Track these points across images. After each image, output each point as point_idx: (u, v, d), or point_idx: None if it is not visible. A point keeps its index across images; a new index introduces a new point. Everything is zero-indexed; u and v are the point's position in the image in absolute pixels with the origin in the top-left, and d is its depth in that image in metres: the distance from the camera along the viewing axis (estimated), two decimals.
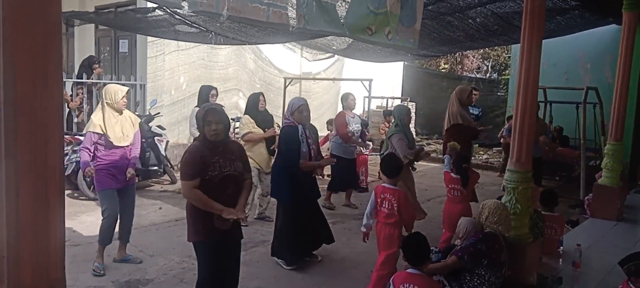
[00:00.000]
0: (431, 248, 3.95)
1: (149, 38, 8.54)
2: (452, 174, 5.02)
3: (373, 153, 8.56)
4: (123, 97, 4.46)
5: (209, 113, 3.18)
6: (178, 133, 9.35)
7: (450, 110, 6.18)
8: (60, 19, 1.59)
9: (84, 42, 10.63)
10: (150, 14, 5.74)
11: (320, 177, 4.51)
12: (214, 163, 3.13)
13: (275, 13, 3.38)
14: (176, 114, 9.33)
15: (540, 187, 5.90)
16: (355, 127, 6.96)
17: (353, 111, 7.14)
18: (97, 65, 8.33)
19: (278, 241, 4.80)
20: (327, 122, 9.06)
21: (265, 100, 6.04)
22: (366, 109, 10.19)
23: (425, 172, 10.15)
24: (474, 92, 6.29)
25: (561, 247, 4.92)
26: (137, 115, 8.06)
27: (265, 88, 10.99)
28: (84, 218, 5.38)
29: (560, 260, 4.75)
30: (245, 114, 6.01)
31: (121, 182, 4.53)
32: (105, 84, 8.41)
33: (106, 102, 4.43)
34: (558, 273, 4.40)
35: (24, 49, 1.45)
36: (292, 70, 11.52)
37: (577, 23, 6.87)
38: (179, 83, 9.26)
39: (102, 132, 4.38)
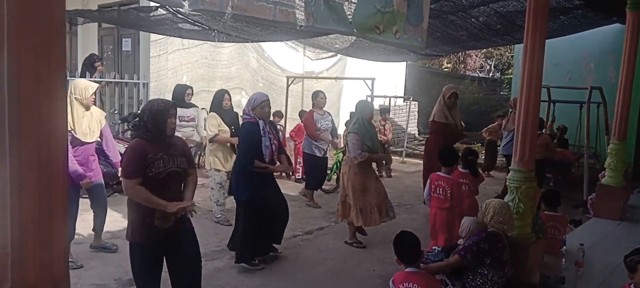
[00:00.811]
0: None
1: (152, 37, 8.55)
2: (459, 168, 5.05)
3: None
4: (92, 94, 4.48)
5: (175, 106, 3.24)
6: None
7: (435, 107, 6.72)
8: (64, 18, 1.59)
9: (87, 40, 10.65)
10: (153, 13, 5.74)
11: (284, 177, 4.45)
12: (157, 160, 3.08)
13: (282, 11, 3.36)
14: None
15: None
16: (324, 124, 7.05)
17: (323, 109, 7.19)
18: (99, 63, 8.35)
19: (240, 242, 4.61)
20: (299, 114, 9.14)
21: (230, 99, 5.98)
22: None
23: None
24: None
25: (564, 247, 4.92)
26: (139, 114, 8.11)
27: (267, 87, 10.99)
28: (86, 217, 5.38)
29: (563, 259, 4.74)
30: (210, 111, 5.96)
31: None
32: (107, 82, 8.51)
33: (75, 98, 4.40)
34: (561, 273, 4.39)
35: (28, 48, 1.45)
36: (294, 69, 11.51)
37: (581, 22, 6.85)
38: (182, 82, 9.26)
39: (70, 129, 4.35)
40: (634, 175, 8.65)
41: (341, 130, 12.72)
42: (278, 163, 4.86)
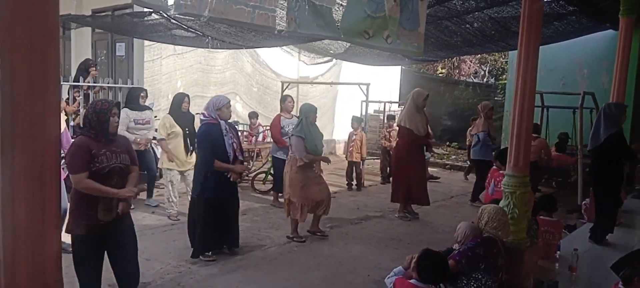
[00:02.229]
0: None
1: (146, 42, 8.53)
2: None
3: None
4: None
5: (118, 106, 3.48)
6: None
7: (404, 110, 6.76)
8: (58, 23, 1.59)
9: (80, 45, 10.60)
10: (146, 18, 5.74)
11: (236, 180, 4.90)
12: (101, 155, 3.27)
13: (261, 15, 3.39)
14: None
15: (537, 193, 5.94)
16: (291, 127, 7.14)
17: (291, 113, 7.34)
18: (93, 68, 8.31)
19: (202, 237, 4.91)
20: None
21: (189, 102, 6.33)
22: (364, 113, 10.18)
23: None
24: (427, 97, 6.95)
25: (558, 252, 4.93)
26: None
27: (262, 91, 10.99)
28: None
29: (557, 264, 4.75)
30: (168, 113, 6.29)
31: None
32: (100, 87, 8.48)
33: None
34: (555, 278, 4.40)
35: (22, 53, 1.45)
36: (289, 74, 11.52)
37: (574, 29, 6.90)
38: (176, 87, 9.23)
39: None
40: (627, 180, 8.68)
41: (338, 135, 12.73)
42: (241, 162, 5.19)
